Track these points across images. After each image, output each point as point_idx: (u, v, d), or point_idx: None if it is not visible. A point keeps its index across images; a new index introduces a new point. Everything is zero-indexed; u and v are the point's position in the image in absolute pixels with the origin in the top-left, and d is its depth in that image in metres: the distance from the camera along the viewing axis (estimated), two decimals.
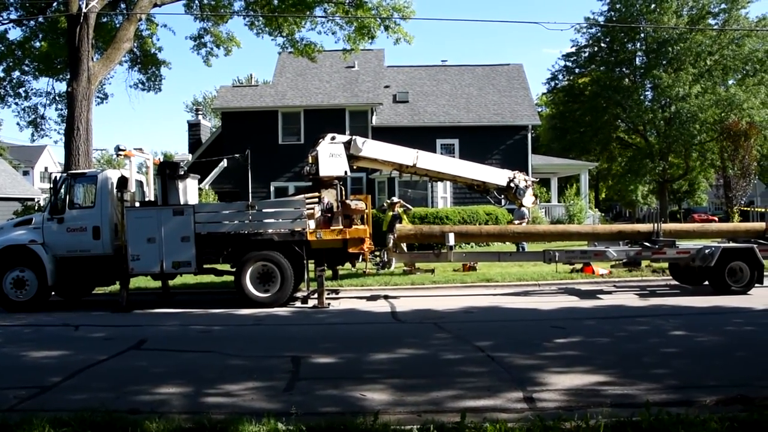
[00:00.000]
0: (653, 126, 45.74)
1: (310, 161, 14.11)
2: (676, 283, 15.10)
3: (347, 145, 14.26)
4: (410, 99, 34.34)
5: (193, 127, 37.38)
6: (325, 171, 13.75)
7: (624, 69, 49.03)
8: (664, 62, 45.14)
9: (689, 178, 51.91)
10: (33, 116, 30.67)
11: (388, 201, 19.42)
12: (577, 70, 51.71)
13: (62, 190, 13.57)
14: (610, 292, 14.08)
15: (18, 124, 50.82)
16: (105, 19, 25.05)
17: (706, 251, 13.53)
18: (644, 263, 15.62)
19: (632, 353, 8.05)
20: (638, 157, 47.51)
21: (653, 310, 11.61)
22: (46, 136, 43.97)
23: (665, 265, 15.56)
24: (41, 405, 6.22)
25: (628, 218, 63.15)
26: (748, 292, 13.31)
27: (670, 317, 10.78)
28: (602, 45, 49.61)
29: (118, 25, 24.16)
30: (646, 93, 47.32)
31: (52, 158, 71.50)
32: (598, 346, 8.55)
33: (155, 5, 22.69)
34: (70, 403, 6.14)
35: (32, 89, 30.03)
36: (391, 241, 14.87)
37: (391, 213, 17.12)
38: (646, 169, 46.19)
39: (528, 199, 15.62)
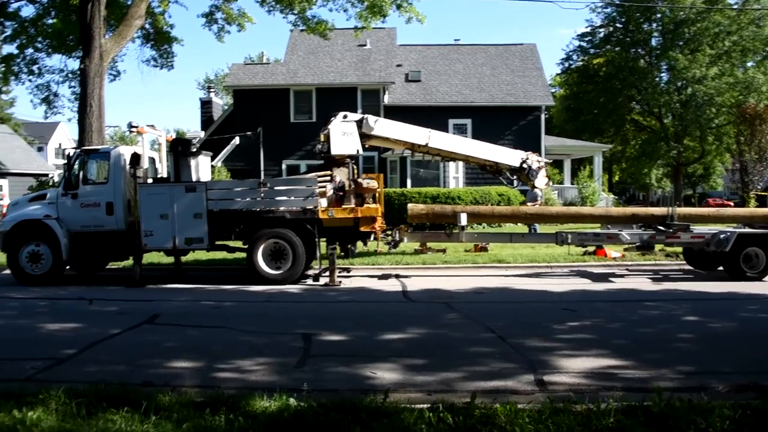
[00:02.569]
0: (669, 108, 45.15)
1: (322, 139, 14.07)
2: (690, 268, 15.01)
3: (359, 123, 14.21)
4: (423, 78, 34.13)
5: (205, 105, 37.40)
6: (337, 149, 13.72)
7: (639, 50, 48.35)
8: (681, 43, 44.45)
9: (704, 162, 51.31)
10: (46, 93, 30.76)
11: None
12: (591, 51, 50.99)
13: (76, 166, 13.65)
14: (622, 276, 14.03)
15: (32, 101, 50.90)
16: None
17: (721, 236, 13.38)
18: (658, 247, 15.47)
19: (644, 338, 8.03)
20: (653, 140, 47.03)
21: (666, 295, 11.56)
22: (59, 113, 44.12)
23: (679, 249, 15.46)
24: (57, 376, 6.30)
25: (641, 202, 62.67)
26: (764, 279, 13.19)
27: (683, 302, 10.73)
28: (618, 25, 48.86)
29: (129, 2, 24.09)
30: (662, 75, 46.61)
31: (66, 135, 71.70)
32: (609, 330, 8.52)
33: None
34: (85, 375, 6.21)
35: (45, 66, 30.09)
36: None
37: None
38: (660, 152, 45.71)
39: (541, 181, 15.53)
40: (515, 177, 16.03)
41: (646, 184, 58.60)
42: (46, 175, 38.05)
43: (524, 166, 15.30)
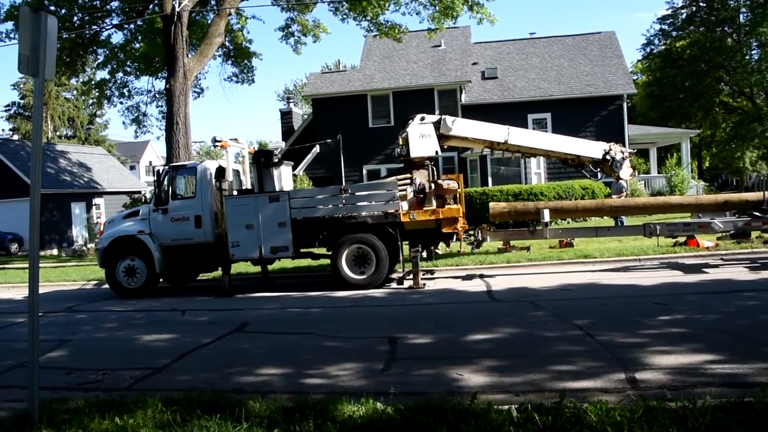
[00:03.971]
0: (761, 87, 42.94)
1: (401, 143, 14.12)
2: None
3: (437, 124, 14.19)
4: (499, 75, 33.74)
5: (285, 115, 38.23)
6: (415, 152, 13.75)
7: (726, 28, 46.17)
8: None
9: None
10: (136, 114, 32.44)
11: None
12: (674, 33, 49.11)
13: (165, 182, 14.21)
14: (716, 266, 13.41)
15: (123, 122, 54.12)
16: (197, 17, 25.96)
17: None
18: (754, 234, 14.74)
19: (742, 330, 7.65)
20: (745, 122, 44.84)
21: (765, 284, 10.94)
22: (149, 132, 46.14)
23: None
24: (153, 385, 6.59)
25: (735, 187, 59.90)
26: None
27: None
28: (701, 4, 46.87)
29: (209, 21, 24.97)
30: (752, 52, 44.44)
31: (155, 152, 74.89)
32: (704, 323, 8.17)
33: None
34: (179, 384, 6.45)
35: (134, 88, 31.78)
36: None
37: None
38: (754, 133, 43.58)
39: (625, 172, 15.07)
40: (599, 169, 15.62)
41: (739, 169, 56.01)
42: (139, 192, 39.94)
43: (607, 157, 14.90)
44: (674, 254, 14.86)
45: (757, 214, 13.57)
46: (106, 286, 14.87)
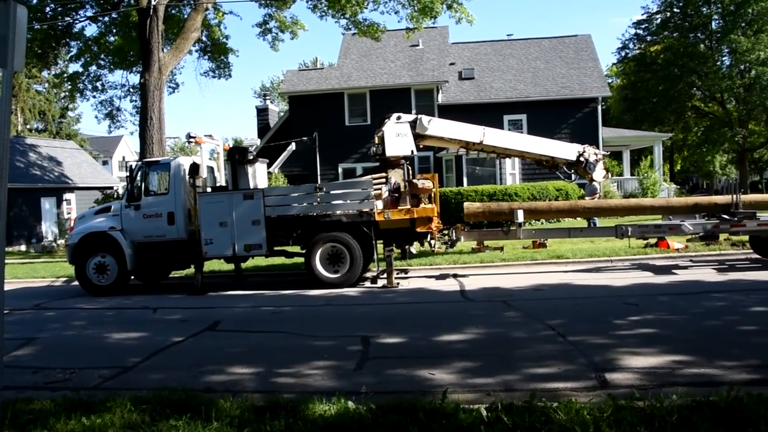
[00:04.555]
0: (731, 93, 43.63)
1: (377, 142, 14.12)
2: (758, 256, 14.44)
3: (413, 124, 14.19)
4: (476, 75, 33.86)
5: (262, 112, 37.99)
6: (391, 151, 13.74)
7: (699, 34, 46.84)
8: (743, 25, 42.83)
9: None
10: (109, 108, 32.05)
11: None
12: (648, 38, 49.68)
13: (138, 178, 14.05)
14: (686, 267, 13.62)
15: (96, 116, 53.58)
16: (174, 11, 25.71)
17: None
18: (723, 236, 14.99)
19: (709, 331, 7.78)
20: (716, 126, 45.51)
21: (732, 286, 11.16)
22: (122, 126, 45.62)
23: (745, 238, 14.93)
24: (123, 384, 6.51)
25: (705, 190, 60.72)
26: None
27: (750, 293, 10.34)
28: (675, 10, 47.51)
29: (185, 16, 24.75)
30: (723, 58, 45.15)
31: (129, 148, 73.91)
32: (673, 324, 8.28)
33: None
34: (150, 383, 6.38)
35: (108, 82, 31.36)
36: None
37: None
38: (724, 138, 44.23)
39: (599, 174, 15.22)
40: (572, 171, 15.74)
41: (710, 172, 56.87)
42: (111, 187, 39.38)
43: (581, 159, 15.02)
44: (645, 255, 15.06)
45: (725, 216, 13.79)
46: (76, 283, 14.66)
